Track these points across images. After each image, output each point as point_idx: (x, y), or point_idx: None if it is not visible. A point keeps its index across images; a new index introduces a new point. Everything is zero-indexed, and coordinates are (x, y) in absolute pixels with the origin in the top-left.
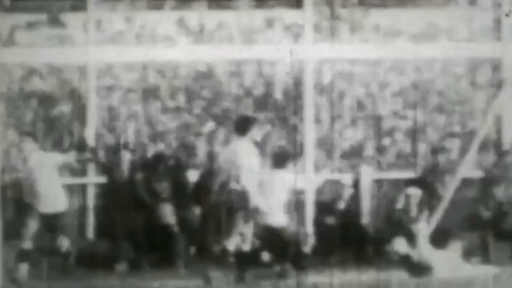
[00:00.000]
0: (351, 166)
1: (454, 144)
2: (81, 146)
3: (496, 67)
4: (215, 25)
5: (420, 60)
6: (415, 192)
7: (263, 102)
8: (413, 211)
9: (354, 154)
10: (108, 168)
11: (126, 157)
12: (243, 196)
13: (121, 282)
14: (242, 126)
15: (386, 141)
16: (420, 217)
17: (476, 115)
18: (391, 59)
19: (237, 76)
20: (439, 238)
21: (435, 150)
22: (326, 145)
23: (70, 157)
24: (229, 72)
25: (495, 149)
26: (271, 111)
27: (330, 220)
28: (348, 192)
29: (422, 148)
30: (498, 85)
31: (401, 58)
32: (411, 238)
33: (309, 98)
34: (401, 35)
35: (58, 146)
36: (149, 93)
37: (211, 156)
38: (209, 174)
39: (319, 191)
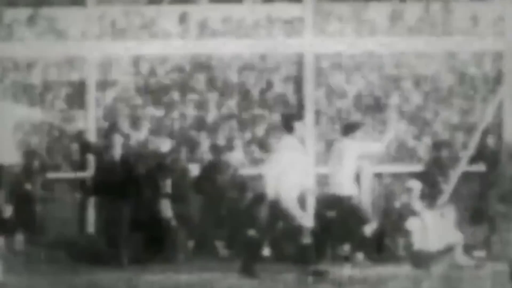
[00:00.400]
0: None
1: (457, 138)
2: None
3: (497, 60)
4: (217, 20)
5: (420, 53)
6: (415, 185)
7: (265, 96)
8: (414, 205)
9: None
10: (98, 149)
11: (118, 140)
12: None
13: (122, 277)
14: (290, 123)
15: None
16: (422, 210)
17: (477, 109)
18: (392, 52)
19: (239, 71)
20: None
21: (438, 144)
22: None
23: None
24: (231, 66)
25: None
26: (273, 105)
27: (331, 214)
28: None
29: (425, 141)
30: (499, 78)
31: (401, 51)
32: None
33: (310, 91)
34: (401, 28)
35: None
36: (151, 87)
37: (214, 150)
38: (211, 167)
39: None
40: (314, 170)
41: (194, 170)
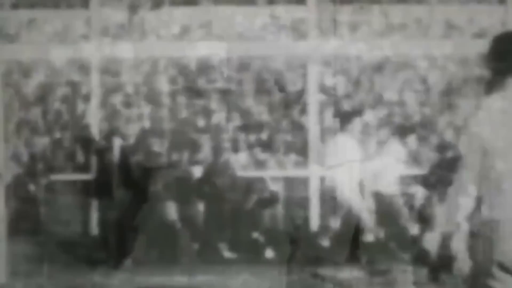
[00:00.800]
0: None
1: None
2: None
3: None
4: (221, 21)
5: (423, 56)
6: (417, 190)
7: (269, 98)
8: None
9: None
10: (99, 149)
11: (117, 142)
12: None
13: (126, 278)
14: (345, 120)
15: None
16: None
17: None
18: (395, 55)
19: (243, 72)
20: None
21: (442, 147)
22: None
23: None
24: (235, 68)
25: None
26: (277, 108)
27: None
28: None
29: (429, 144)
30: None
31: (405, 54)
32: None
33: (313, 94)
34: (405, 31)
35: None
36: (153, 90)
37: (215, 152)
38: (213, 169)
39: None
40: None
41: (197, 172)
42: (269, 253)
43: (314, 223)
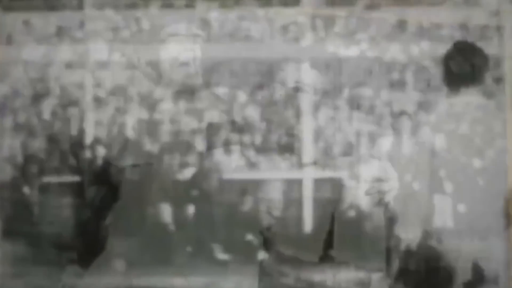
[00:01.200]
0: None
1: None
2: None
3: (496, 64)
4: (218, 24)
5: (421, 58)
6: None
7: (264, 99)
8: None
9: (352, 152)
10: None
11: (101, 152)
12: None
13: (120, 280)
14: (394, 120)
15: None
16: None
17: None
18: (391, 57)
19: (238, 76)
20: None
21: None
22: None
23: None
24: (229, 71)
25: None
26: (271, 109)
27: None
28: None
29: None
30: (497, 82)
31: (402, 56)
32: None
33: (307, 96)
34: (401, 33)
35: None
36: (149, 93)
37: (205, 154)
38: (203, 172)
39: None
40: None
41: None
42: (262, 255)
43: (308, 225)
